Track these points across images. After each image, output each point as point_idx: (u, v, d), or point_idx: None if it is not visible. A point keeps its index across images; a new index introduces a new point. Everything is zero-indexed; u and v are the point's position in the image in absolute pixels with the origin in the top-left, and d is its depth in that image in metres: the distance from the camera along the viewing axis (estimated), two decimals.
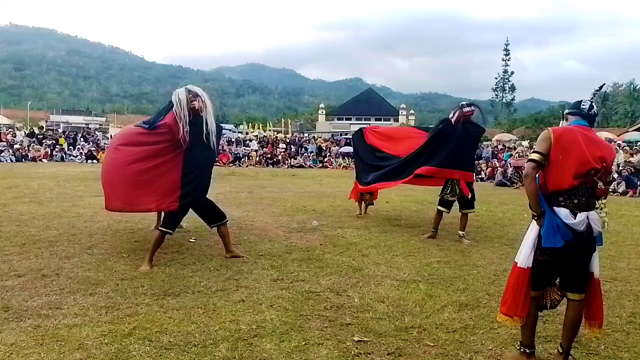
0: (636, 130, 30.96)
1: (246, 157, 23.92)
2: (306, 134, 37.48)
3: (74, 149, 23.64)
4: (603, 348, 3.05)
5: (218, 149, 7.15)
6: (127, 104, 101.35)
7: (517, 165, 16.04)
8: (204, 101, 4.48)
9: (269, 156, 24.42)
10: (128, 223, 6.45)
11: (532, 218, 2.78)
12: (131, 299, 3.60)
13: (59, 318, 3.20)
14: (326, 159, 24.80)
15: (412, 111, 65.32)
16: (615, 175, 13.92)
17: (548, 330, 3.28)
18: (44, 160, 21.60)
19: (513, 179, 16.16)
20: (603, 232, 2.78)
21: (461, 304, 3.74)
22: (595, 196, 2.69)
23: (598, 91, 3.01)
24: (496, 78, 71.01)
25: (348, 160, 22.43)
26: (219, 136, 5.02)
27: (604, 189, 2.68)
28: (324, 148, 26.55)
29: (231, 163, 22.71)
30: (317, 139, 30.32)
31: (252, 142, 26.77)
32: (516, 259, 2.81)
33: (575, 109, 2.85)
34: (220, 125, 5.12)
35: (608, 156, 2.71)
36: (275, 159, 23.99)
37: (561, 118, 2.98)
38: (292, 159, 24.21)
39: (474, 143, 6.43)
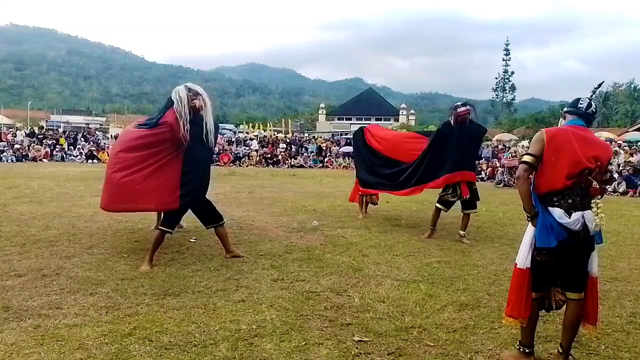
0: (636, 130, 30.93)
1: (246, 157, 23.94)
2: (306, 134, 37.47)
3: (75, 149, 23.66)
4: (603, 348, 3.05)
5: (216, 147, 7.12)
6: (128, 104, 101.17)
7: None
8: (204, 100, 4.48)
9: (269, 156, 24.44)
10: (128, 223, 6.45)
11: (527, 219, 2.79)
12: (131, 299, 3.60)
13: (59, 318, 3.20)
14: (326, 159, 24.84)
15: (413, 111, 65.37)
16: (615, 175, 13.93)
17: (548, 330, 3.28)
18: (45, 160, 21.62)
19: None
20: (597, 233, 2.75)
21: (461, 304, 3.73)
22: (589, 195, 2.66)
23: (597, 89, 2.96)
24: (496, 78, 70.78)
25: (348, 160, 22.44)
26: (217, 134, 5.01)
27: (598, 188, 2.63)
28: (324, 148, 26.57)
29: (231, 163, 22.73)
30: (318, 139, 30.34)
31: (253, 142, 26.77)
32: (516, 260, 2.81)
33: (572, 108, 2.83)
34: (217, 123, 5.11)
35: (603, 155, 2.68)
36: (275, 159, 24.02)
37: (560, 117, 2.98)
38: (293, 159, 24.25)
39: (475, 142, 6.42)
